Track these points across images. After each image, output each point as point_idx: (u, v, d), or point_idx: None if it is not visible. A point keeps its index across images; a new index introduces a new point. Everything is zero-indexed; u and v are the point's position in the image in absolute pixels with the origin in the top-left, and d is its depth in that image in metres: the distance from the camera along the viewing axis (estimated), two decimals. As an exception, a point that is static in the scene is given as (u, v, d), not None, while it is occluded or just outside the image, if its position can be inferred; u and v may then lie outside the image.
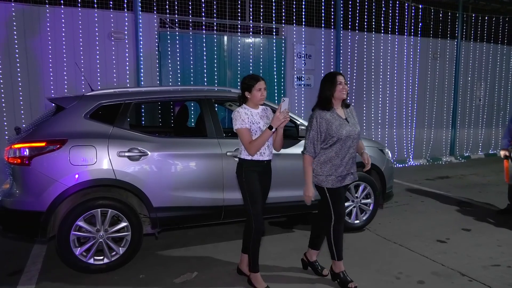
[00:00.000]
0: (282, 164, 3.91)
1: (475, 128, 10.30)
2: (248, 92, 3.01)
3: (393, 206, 5.55)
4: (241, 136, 2.96)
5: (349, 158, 3.10)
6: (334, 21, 8.16)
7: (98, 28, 6.28)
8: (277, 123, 2.87)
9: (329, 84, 3.07)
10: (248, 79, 3.03)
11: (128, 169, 3.42)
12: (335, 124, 3.02)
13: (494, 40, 10.25)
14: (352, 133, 3.07)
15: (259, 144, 2.92)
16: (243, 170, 3.02)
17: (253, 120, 3.00)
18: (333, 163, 3.06)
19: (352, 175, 3.17)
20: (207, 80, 7.08)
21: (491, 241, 4.22)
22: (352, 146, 3.09)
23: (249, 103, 3.06)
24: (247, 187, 3.01)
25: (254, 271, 3.12)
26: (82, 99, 3.56)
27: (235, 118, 2.97)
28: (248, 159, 3.01)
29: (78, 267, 3.33)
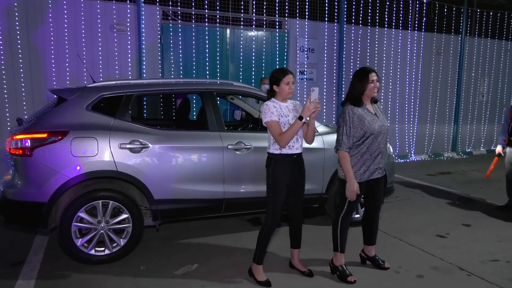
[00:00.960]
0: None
1: (478, 124, 10.26)
2: (276, 86, 3.01)
3: (394, 201, 5.55)
4: (271, 128, 2.95)
5: (378, 152, 3.11)
6: (337, 15, 8.11)
7: (100, 19, 6.27)
8: (307, 113, 2.86)
9: (362, 81, 3.06)
10: (276, 72, 3.03)
11: (130, 161, 3.43)
12: (367, 119, 3.03)
13: (499, 36, 10.17)
14: (383, 128, 3.09)
15: (290, 135, 2.90)
16: (272, 164, 3.01)
17: (282, 113, 2.99)
18: (364, 158, 3.06)
19: (380, 169, 3.18)
20: (209, 73, 7.06)
21: (490, 237, 4.22)
22: (382, 141, 3.10)
23: (277, 97, 3.05)
24: (272, 182, 3.01)
25: (258, 263, 3.14)
26: (84, 90, 3.56)
27: (264, 111, 2.97)
28: (277, 153, 3.00)
29: (80, 258, 3.36)
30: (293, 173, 3.05)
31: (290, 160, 3.02)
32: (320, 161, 4.18)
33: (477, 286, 3.17)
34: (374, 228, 3.44)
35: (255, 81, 7.28)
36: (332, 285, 3.16)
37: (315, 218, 4.74)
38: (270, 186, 3.03)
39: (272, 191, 3.02)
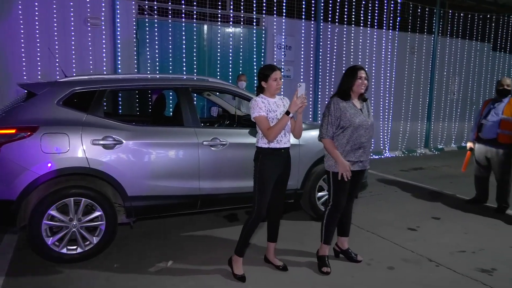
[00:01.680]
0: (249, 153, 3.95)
1: (449, 122, 10.59)
2: (264, 82, 3.06)
3: (367, 196, 5.67)
4: (259, 123, 3.00)
5: (359, 146, 3.20)
6: (314, 13, 8.19)
7: (73, 13, 6.13)
8: (294, 108, 2.92)
9: (350, 77, 3.20)
10: (264, 69, 3.09)
11: (102, 157, 3.38)
12: (349, 111, 3.16)
13: (469, 37, 10.51)
14: (364, 122, 3.19)
15: (277, 130, 2.96)
16: (260, 158, 3.06)
17: (270, 108, 3.04)
18: (343, 149, 3.19)
19: (362, 163, 3.28)
20: (186, 69, 7.01)
21: (458, 229, 4.38)
22: (363, 135, 3.20)
23: (266, 93, 3.10)
24: (259, 176, 3.05)
25: (239, 255, 3.17)
26: (54, 85, 3.48)
27: (253, 107, 3.02)
28: (265, 147, 3.04)
29: (51, 256, 3.28)
30: (280, 167, 3.11)
31: (278, 154, 3.08)
32: (296, 157, 4.20)
33: (444, 276, 3.29)
34: (348, 220, 3.53)
35: (232, 78, 7.28)
36: (305, 278, 3.21)
37: (290, 213, 4.79)
38: (257, 180, 3.07)
39: (259, 184, 3.06)
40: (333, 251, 3.60)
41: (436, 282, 3.17)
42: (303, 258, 3.54)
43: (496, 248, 3.87)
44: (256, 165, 3.09)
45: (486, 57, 10.95)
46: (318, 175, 4.37)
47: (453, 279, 3.24)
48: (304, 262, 3.46)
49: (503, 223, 4.63)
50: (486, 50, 10.95)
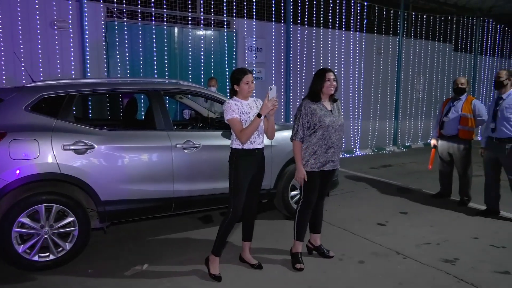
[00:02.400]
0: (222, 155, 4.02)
1: (415, 120, 11.01)
2: (236, 85, 3.12)
3: (339, 193, 5.84)
4: (232, 125, 3.07)
5: (329, 146, 3.32)
6: (284, 15, 8.34)
7: (39, 16, 5.98)
8: (265, 110, 3.00)
9: (319, 79, 3.31)
10: (236, 72, 3.15)
11: (74, 162, 3.35)
12: (319, 113, 3.28)
13: (432, 38, 10.97)
14: (334, 123, 3.31)
15: (250, 132, 3.02)
16: (234, 159, 3.12)
17: (243, 111, 3.10)
18: (314, 149, 3.30)
19: (333, 163, 3.39)
20: (157, 73, 6.98)
21: (424, 222, 4.60)
22: (333, 135, 3.32)
23: (239, 96, 3.16)
24: (234, 177, 3.11)
25: (215, 255, 3.22)
26: (22, 90, 3.42)
27: (226, 109, 3.08)
28: (239, 148, 3.11)
29: (22, 265, 3.22)
30: (254, 168, 3.18)
31: (252, 155, 3.15)
32: (268, 158, 4.27)
33: (411, 267, 3.46)
34: (319, 217, 3.65)
35: (204, 80, 7.30)
36: (279, 274, 3.30)
37: (265, 213, 4.88)
38: (232, 181, 3.13)
39: (234, 185, 3.12)
40: (306, 248, 3.71)
41: (403, 274, 3.33)
42: (278, 256, 3.63)
43: (459, 239, 4.09)
44: (230, 166, 3.16)
45: (448, 57, 11.46)
46: (290, 174, 4.47)
47: (419, 269, 3.42)
48: (278, 260, 3.55)
49: (466, 215, 4.89)
50: (448, 51, 11.46)
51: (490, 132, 4.73)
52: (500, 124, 4.57)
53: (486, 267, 3.46)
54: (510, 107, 4.52)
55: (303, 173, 3.31)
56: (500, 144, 4.59)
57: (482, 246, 3.92)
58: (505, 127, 4.53)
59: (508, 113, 4.51)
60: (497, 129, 4.60)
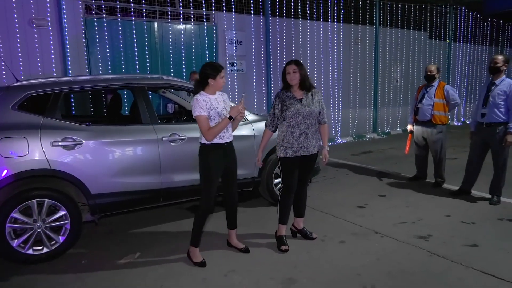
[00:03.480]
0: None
1: (394, 107, 11.34)
2: (212, 80, 3.19)
3: (321, 180, 6.08)
4: (200, 123, 3.14)
5: (299, 133, 3.51)
6: (262, 7, 8.46)
7: (17, 14, 5.95)
8: (235, 113, 3.15)
9: (283, 74, 3.59)
10: (212, 67, 3.21)
11: (63, 158, 3.45)
12: (286, 102, 3.51)
13: (407, 26, 11.27)
14: (301, 110, 3.49)
15: (216, 132, 3.15)
16: (204, 154, 3.23)
17: (211, 106, 3.19)
18: (284, 135, 3.52)
19: (306, 149, 3.55)
20: (139, 68, 7.03)
21: (401, 203, 4.87)
22: (302, 122, 3.50)
23: (208, 90, 3.23)
24: (205, 170, 3.23)
25: (194, 245, 3.37)
26: (8, 90, 3.49)
27: (194, 105, 3.14)
28: (209, 143, 3.21)
29: (17, 258, 3.33)
30: (224, 160, 3.31)
31: (221, 148, 3.28)
32: (251, 147, 4.48)
33: (388, 244, 3.71)
34: (302, 202, 3.84)
35: (186, 74, 7.39)
36: (266, 256, 3.49)
37: (250, 200, 5.06)
38: (203, 174, 3.26)
39: (205, 179, 3.25)
40: (291, 231, 3.92)
41: (381, 251, 3.57)
42: (264, 240, 3.82)
43: (433, 218, 4.37)
44: (200, 161, 3.27)
45: (423, 45, 11.80)
46: (274, 163, 4.66)
47: (395, 246, 3.67)
48: (264, 243, 3.75)
49: (439, 196, 5.17)
50: (423, 38, 11.79)
51: (480, 118, 4.80)
52: (491, 110, 4.63)
53: (457, 241, 3.74)
54: (502, 93, 4.58)
55: (260, 156, 3.68)
56: (491, 129, 4.68)
57: (453, 223, 4.21)
58: (495, 113, 4.61)
59: (499, 99, 4.58)
60: (488, 114, 4.67)
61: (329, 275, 3.16)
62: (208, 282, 3.08)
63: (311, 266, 3.32)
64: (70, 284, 3.09)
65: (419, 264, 3.32)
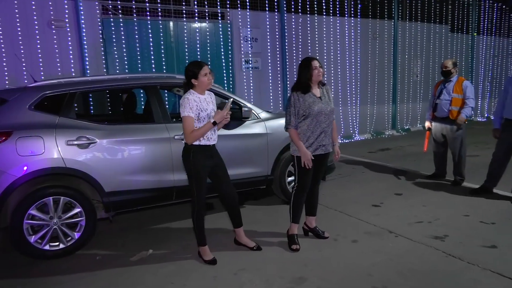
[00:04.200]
0: (229, 144, 4.19)
1: (414, 103, 11.09)
2: (194, 79, 3.14)
3: (336, 178, 6.01)
4: (185, 123, 3.09)
5: (320, 131, 3.47)
6: (277, 4, 8.41)
7: (36, 16, 6.11)
8: (219, 119, 3.12)
9: (306, 69, 3.43)
10: (191, 66, 3.16)
11: (78, 157, 3.53)
12: (308, 101, 3.40)
13: (427, 20, 10.98)
14: (323, 109, 3.44)
15: (199, 135, 3.11)
16: (191, 155, 3.20)
17: (202, 107, 3.15)
18: (306, 135, 3.44)
19: (324, 147, 3.53)
20: (155, 67, 7.11)
21: (418, 202, 4.76)
22: (323, 121, 3.46)
23: (196, 89, 3.19)
24: (194, 173, 3.21)
25: (201, 245, 3.40)
26: (25, 90, 3.59)
27: (184, 105, 3.09)
28: (196, 144, 3.17)
29: (34, 254, 3.44)
30: (210, 160, 3.28)
31: (208, 150, 3.26)
32: (264, 145, 4.48)
33: (402, 244, 3.63)
34: (314, 200, 3.81)
35: (201, 72, 7.41)
36: (276, 255, 3.48)
37: (264, 198, 5.06)
38: (192, 175, 3.23)
39: (195, 179, 3.22)
40: (303, 230, 3.89)
41: (394, 250, 3.51)
42: (275, 238, 3.81)
43: (450, 218, 4.25)
44: (188, 162, 3.23)
45: (444, 39, 11.47)
46: (286, 161, 4.63)
47: (410, 246, 3.59)
48: (275, 242, 3.74)
49: (458, 195, 5.03)
50: (445, 32, 11.47)
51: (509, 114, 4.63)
52: None
53: (474, 242, 3.63)
54: None
55: (308, 155, 3.41)
56: None
57: (472, 223, 4.09)
58: None
59: None
60: None
61: (340, 275, 3.13)
62: (218, 280, 3.10)
63: (322, 265, 3.29)
64: (84, 279, 3.17)
65: (433, 264, 3.24)
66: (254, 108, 4.54)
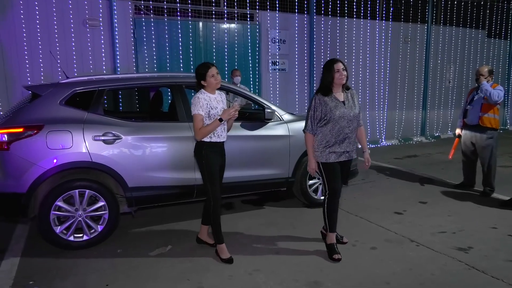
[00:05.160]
0: (251, 145, 4.22)
1: (445, 109, 10.76)
2: (203, 81, 3.27)
3: (360, 183, 5.92)
4: (195, 121, 3.23)
5: (343, 137, 3.38)
6: (307, 6, 8.37)
7: (72, 15, 6.37)
8: (226, 117, 3.20)
9: (328, 72, 3.35)
10: (200, 68, 3.29)
11: (103, 152, 3.65)
12: (330, 105, 3.32)
13: (463, 24, 10.63)
14: (345, 114, 3.35)
15: (207, 132, 3.22)
16: (203, 152, 3.30)
17: (212, 105, 3.26)
18: (327, 140, 3.36)
19: (348, 153, 3.44)
20: (183, 66, 7.25)
21: (443, 212, 4.62)
22: (347, 126, 3.37)
23: (206, 89, 3.32)
24: (207, 168, 3.31)
25: (219, 243, 3.44)
26: (57, 86, 3.75)
27: (195, 103, 3.23)
28: (207, 141, 3.29)
29: (60, 244, 3.58)
30: (220, 158, 3.40)
31: (218, 147, 3.36)
32: (286, 147, 4.47)
33: (423, 254, 3.53)
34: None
35: (228, 73, 7.50)
36: (291, 258, 3.46)
37: (284, 201, 5.05)
38: (205, 172, 3.32)
39: (208, 174, 3.32)
40: (320, 234, 3.86)
41: (414, 260, 3.42)
42: (293, 241, 3.81)
43: (476, 229, 4.10)
44: (201, 159, 3.32)
45: (480, 44, 11.07)
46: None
47: (431, 256, 3.49)
48: (293, 245, 3.72)
49: (487, 206, 4.84)
50: (481, 37, 11.06)
51: None
52: None
53: (500, 255, 3.48)
54: None
55: (314, 164, 3.43)
56: None
57: (499, 236, 3.92)
58: None
59: None
60: None
61: (356, 281, 3.08)
62: (233, 279, 3.12)
63: (338, 270, 3.25)
64: (105, 271, 3.27)
65: (454, 277, 3.14)
66: (278, 110, 4.55)
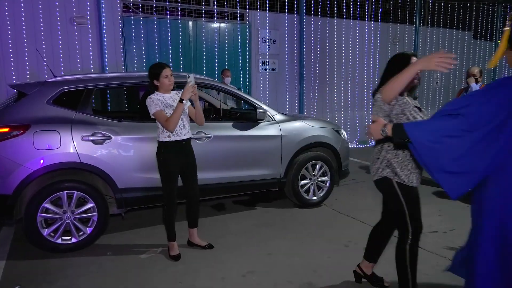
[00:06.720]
0: (243, 145, 4.18)
1: (432, 109, 10.86)
2: (156, 81, 3.24)
3: (350, 183, 5.93)
4: (158, 118, 3.19)
5: None
6: (297, 6, 8.37)
7: (59, 12, 6.23)
8: (187, 95, 3.12)
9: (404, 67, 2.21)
10: (154, 68, 3.26)
11: (92, 152, 3.57)
12: (410, 106, 2.55)
13: (450, 26, 10.76)
14: None
15: (175, 118, 3.14)
16: (162, 152, 3.27)
17: (166, 104, 3.23)
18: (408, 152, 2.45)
19: None
20: (172, 66, 7.16)
21: (433, 212, 4.65)
22: None
23: (160, 90, 3.29)
24: (163, 168, 3.29)
25: (170, 240, 3.44)
26: (44, 85, 3.65)
27: (149, 104, 3.20)
28: (166, 140, 3.25)
29: (47, 247, 3.49)
30: (181, 157, 3.34)
31: (180, 146, 3.30)
32: (278, 148, 4.44)
33: (415, 254, 3.54)
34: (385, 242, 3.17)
35: (218, 73, 7.45)
36: (284, 259, 3.44)
37: (276, 201, 5.02)
38: (162, 172, 3.30)
39: (164, 175, 3.30)
40: (354, 274, 3.57)
41: (407, 259, 3.42)
42: (285, 242, 3.78)
43: (467, 228, 4.07)
44: (159, 159, 3.30)
45: (467, 45, 11.23)
46: (300, 164, 4.59)
47: (423, 256, 3.47)
48: (285, 245, 3.70)
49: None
50: (467, 39, 11.22)
51: None
52: None
53: (491, 254, 3.51)
54: None
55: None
56: None
57: (489, 235, 3.96)
58: None
59: None
60: None
61: (349, 282, 3.07)
62: (226, 281, 3.08)
63: (331, 271, 3.24)
64: (94, 274, 3.19)
65: (446, 276, 3.14)
66: (269, 110, 4.51)
